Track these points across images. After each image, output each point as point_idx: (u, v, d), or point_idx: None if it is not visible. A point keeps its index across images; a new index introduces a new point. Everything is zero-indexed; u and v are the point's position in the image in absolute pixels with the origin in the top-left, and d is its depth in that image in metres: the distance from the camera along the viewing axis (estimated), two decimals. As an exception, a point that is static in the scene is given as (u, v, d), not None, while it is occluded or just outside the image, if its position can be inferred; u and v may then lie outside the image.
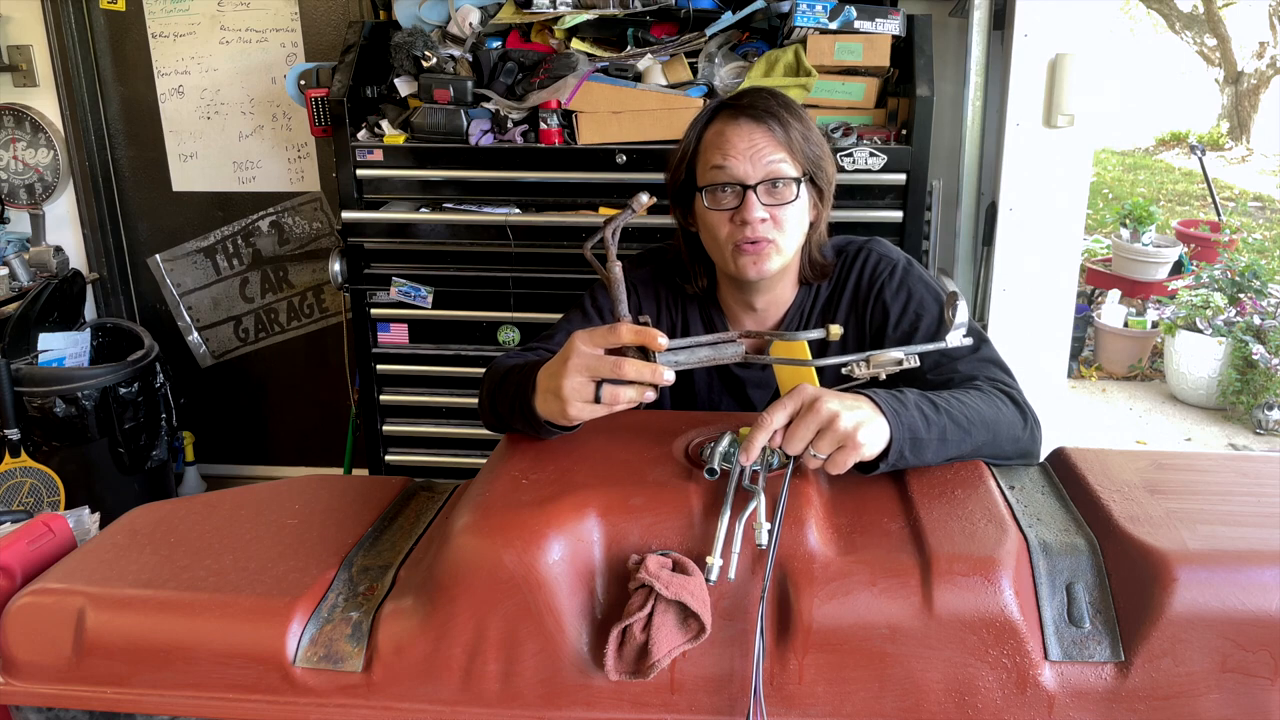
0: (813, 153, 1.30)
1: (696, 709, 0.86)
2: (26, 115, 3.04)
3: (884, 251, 1.39)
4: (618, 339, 0.97)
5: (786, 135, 1.27)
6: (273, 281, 3.23)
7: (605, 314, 1.41)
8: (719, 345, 1.00)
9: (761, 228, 1.27)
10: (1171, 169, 10.22)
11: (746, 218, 1.26)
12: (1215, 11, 10.41)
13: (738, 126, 1.28)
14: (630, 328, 0.97)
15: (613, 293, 1.00)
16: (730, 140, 1.28)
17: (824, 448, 0.93)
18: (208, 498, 1.13)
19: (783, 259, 1.31)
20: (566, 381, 0.99)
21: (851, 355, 0.95)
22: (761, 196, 1.27)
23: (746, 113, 1.28)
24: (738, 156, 1.27)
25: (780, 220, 1.28)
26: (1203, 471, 1.04)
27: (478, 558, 0.87)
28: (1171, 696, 0.83)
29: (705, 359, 0.99)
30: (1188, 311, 4.34)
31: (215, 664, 0.89)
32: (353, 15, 2.87)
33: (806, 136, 1.30)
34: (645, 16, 2.42)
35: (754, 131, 1.27)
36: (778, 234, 1.28)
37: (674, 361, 0.97)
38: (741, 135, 1.27)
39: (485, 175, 2.41)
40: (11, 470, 2.67)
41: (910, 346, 0.96)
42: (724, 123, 1.30)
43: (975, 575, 0.84)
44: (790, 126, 1.28)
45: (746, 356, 1.00)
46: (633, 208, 0.97)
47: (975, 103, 2.50)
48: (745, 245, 1.28)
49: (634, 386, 0.98)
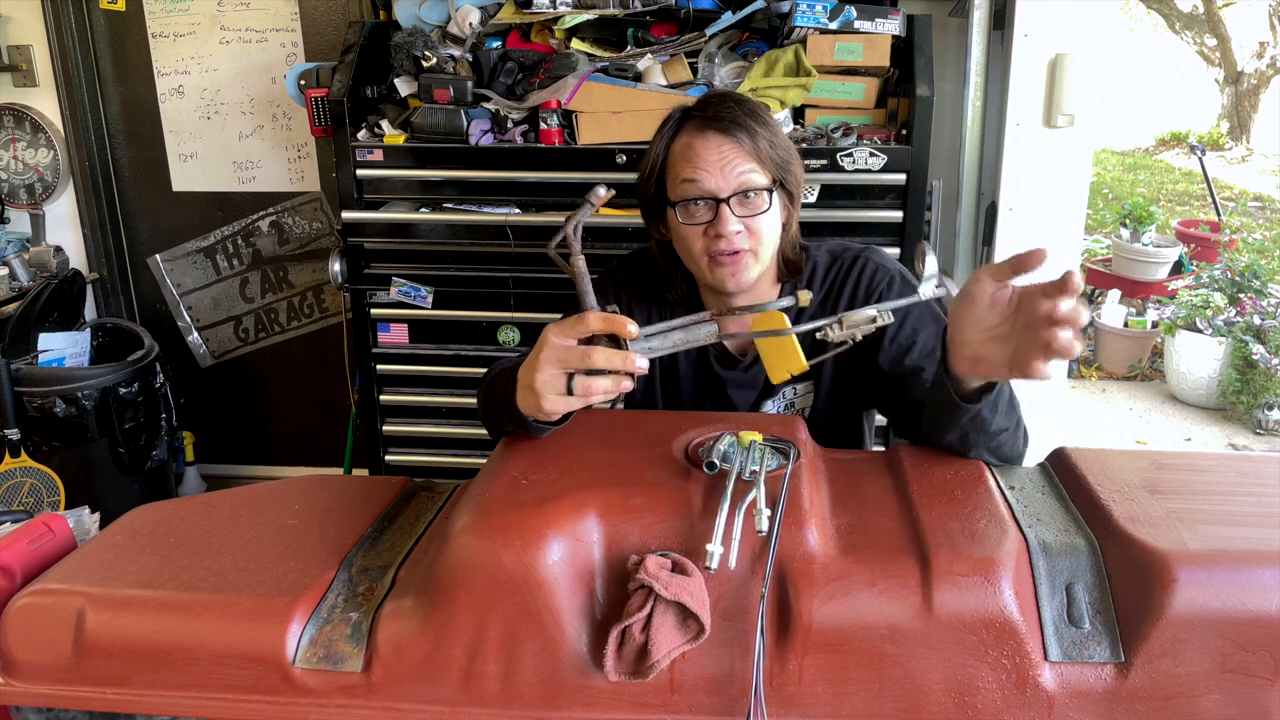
0: (780, 158, 1.29)
1: (696, 709, 0.86)
2: (26, 115, 3.04)
3: (880, 262, 1.39)
4: (586, 328, 0.97)
5: (755, 144, 1.26)
6: (273, 281, 3.23)
7: (630, 296, 1.41)
8: (691, 327, 0.99)
9: (737, 239, 1.27)
10: (1171, 169, 10.22)
11: (721, 231, 1.26)
12: (1215, 11, 10.41)
13: (705, 139, 1.27)
14: (598, 315, 0.96)
15: (578, 285, 0.99)
16: (699, 153, 1.27)
17: None
18: (208, 498, 1.13)
19: (760, 266, 1.31)
20: (539, 375, 0.99)
21: (824, 320, 0.95)
22: (735, 208, 1.26)
23: (713, 124, 1.27)
24: (708, 170, 1.26)
25: (755, 230, 1.28)
26: (1203, 471, 1.04)
27: (478, 558, 0.87)
28: (1171, 697, 0.83)
29: (679, 342, 0.98)
30: (1188, 311, 4.34)
31: (215, 664, 0.89)
32: (353, 15, 2.87)
33: (773, 143, 1.29)
34: (645, 16, 2.42)
35: (723, 144, 1.26)
36: (754, 243, 1.28)
37: (646, 348, 0.97)
38: (710, 148, 1.26)
39: (485, 175, 2.41)
40: (11, 470, 2.67)
41: (884, 304, 0.95)
42: (691, 135, 1.29)
43: (975, 575, 0.84)
44: (757, 135, 1.27)
45: (720, 336, 0.99)
46: (591, 202, 0.97)
47: (975, 103, 2.50)
48: (722, 257, 1.28)
49: (609, 376, 0.97)
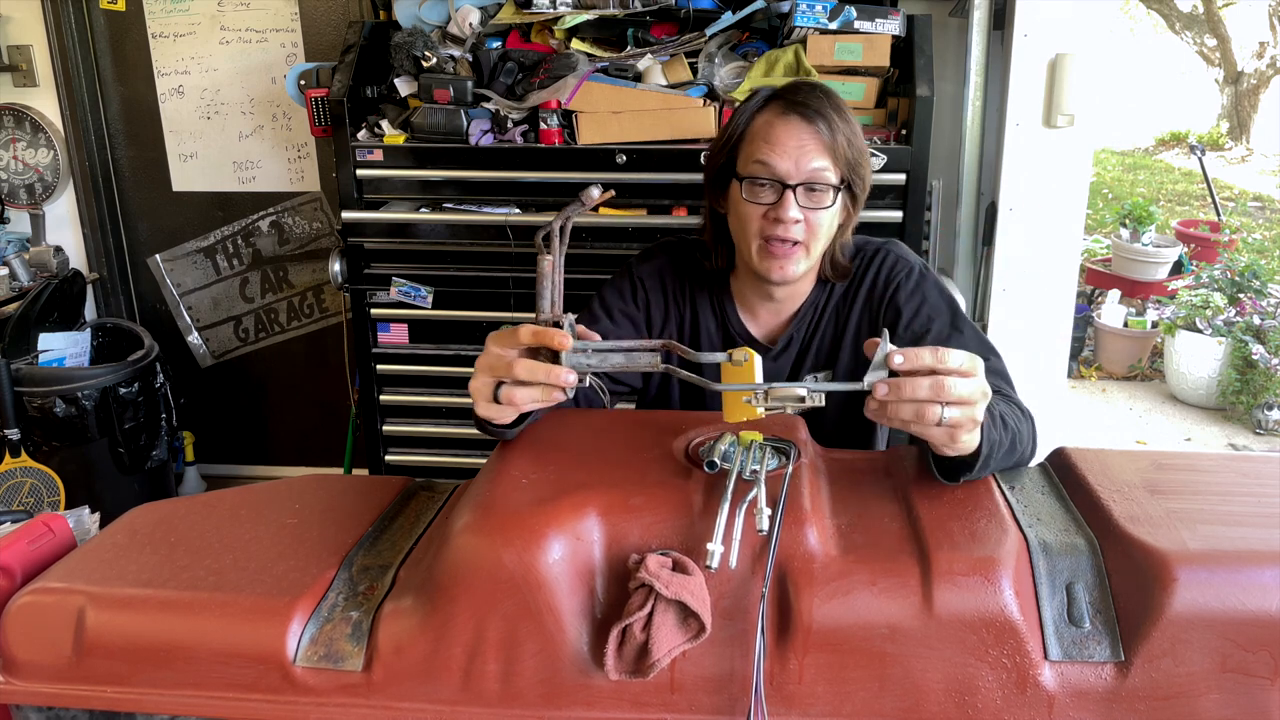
0: (854, 158, 1.29)
1: (696, 709, 0.86)
2: (26, 115, 3.04)
3: (901, 254, 1.40)
4: (517, 341, 0.97)
5: (833, 139, 1.26)
6: (273, 281, 3.23)
7: (615, 314, 1.41)
8: (634, 354, 0.97)
9: (795, 229, 1.27)
10: (1171, 169, 10.22)
11: (781, 217, 1.26)
12: (1215, 11, 10.41)
13: (787, 122, 1.27)
14: (529, 329, 0.96)
15: (537, 285, 0.98)
16: (778, 135, 1.27)
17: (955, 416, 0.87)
18: (208, 497, 1.13)
19: (809, 262, 1.31)
20: (473, 382, 1.00)
21: (754, 384, 0.91)
22: (799, 198, 1.26)
23: (798, 109, 1.27)
24: (783, 153, 1.26)
25: (814, 224, 1.28)
26: (1203, 471, 1.04)
27: (478, 557, 0.87)
28: (1171, 696, 0.83)
29: (618, 365, 0.97)
30: (1188, 311, 4.34)
31: (215, 663, 0.89)
32: (353, 15, 2.87)
33: (851, 141, 1.28)
34: (645, 16, 2.42)
35: (803, 131, 1.26)
36: (809, 237, 1.28)
37: (581, 364, 0.96)
38: (790, 132, 1.26)
39: (485, 175, 2.41)
40: (11, 470, 2.67)
41: (818, 385, 0.91)
42: (774, 114, 1.29)
43: (975, 575, 0.84)
44: (838, 130, 1.27)
45: (660, 366, 0.97)
46: (583, 201, 0.96)
47: (975, 103, 2.50)
48: (774, 245, 1.28)
49: (536, 388, 0.97)
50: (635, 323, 1.42)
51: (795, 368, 1.42)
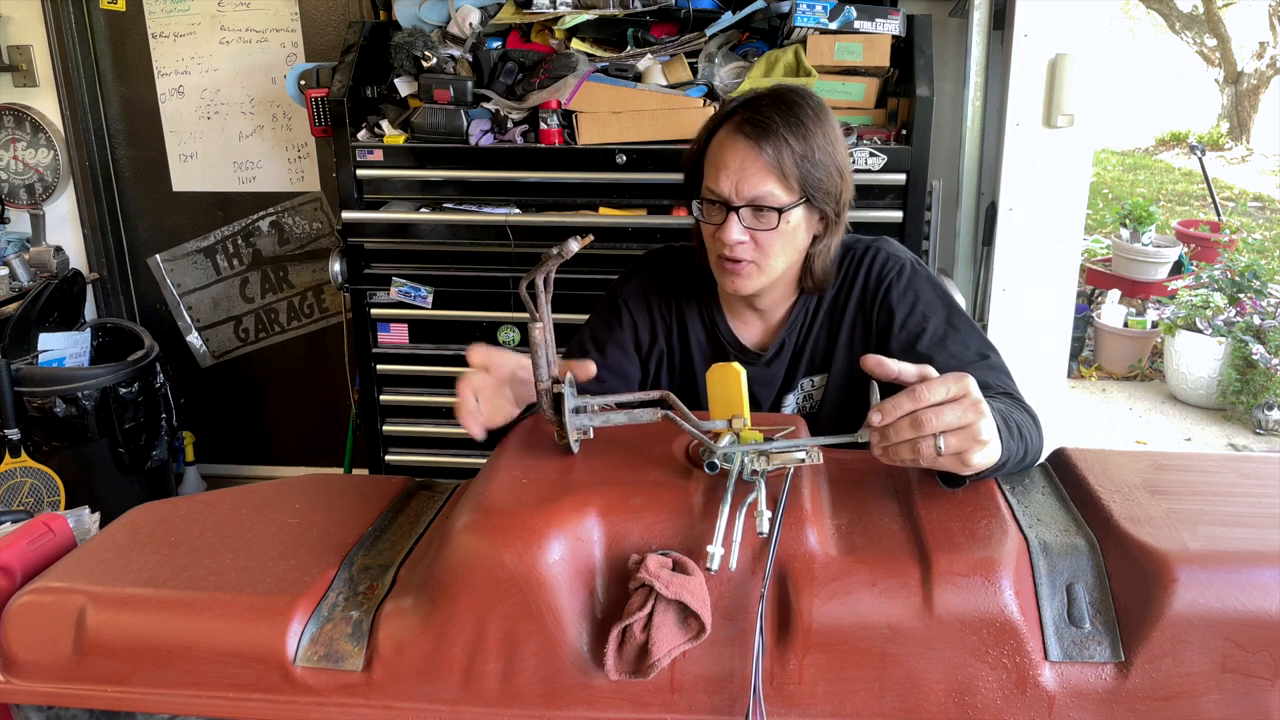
0: (813, 175, 1.24)
1: (696, 709, 0.86)
2: (26, 115, 3.04)
3: (891, 251, 1.37)
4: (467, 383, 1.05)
5: (779, 159, 1.22)
6: (273, 281, 3.23)
7: (605, 346, 1.41)
8: (634, 410, 0.99)
9: (740, 249, 1.26)
10: (1171, 169, 10.22)
11: (724, 238, 1.25)
12: (1215, 11, 10.41)
13: (735, 144, 1.24)
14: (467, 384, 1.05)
15: (531, 354, 0.99)
16: (724, 157, 1.25)
17: (954, 443, 0.86)
18: (208, 497, 1.13)
19: (766, 278, 1.30)
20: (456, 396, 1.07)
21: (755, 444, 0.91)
22: (744, 219, 1.25)
23: (745, 129, 1.23)
24: (725, 176, 1.24)
25: (763, 243, 1.26)
26: (1203, 472, 1.04)
27: (478, 557, 0.87)
28: (1171, 697, 0.83)
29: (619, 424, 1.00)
30: (1188, 311, 4.34)
31: (215, 663, 0.89)
32: (353, 15, 2.87)
33: (807, 157, 1.23)
34: (645, 16, 2.42)
35: (746, 153, 1.23)
36: (759, 256, 1.27)
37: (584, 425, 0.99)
38: (735, 154, 1.24)
39: (485, 175, 2.41)
40: (11, 470, 2.67)
41: (815, 440, 0.91)
42: (726, 134, 1.26)
43: (975, 575, 0.84)
44: (787, 149, 1.22)
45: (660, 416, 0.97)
46: (561, 254, 0.95)
47: (975, 103, 2.50)
48: (726, 263, 1.28)
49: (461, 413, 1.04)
50: (624, 348, 1.41)
51: (789, 373, 1.41)
